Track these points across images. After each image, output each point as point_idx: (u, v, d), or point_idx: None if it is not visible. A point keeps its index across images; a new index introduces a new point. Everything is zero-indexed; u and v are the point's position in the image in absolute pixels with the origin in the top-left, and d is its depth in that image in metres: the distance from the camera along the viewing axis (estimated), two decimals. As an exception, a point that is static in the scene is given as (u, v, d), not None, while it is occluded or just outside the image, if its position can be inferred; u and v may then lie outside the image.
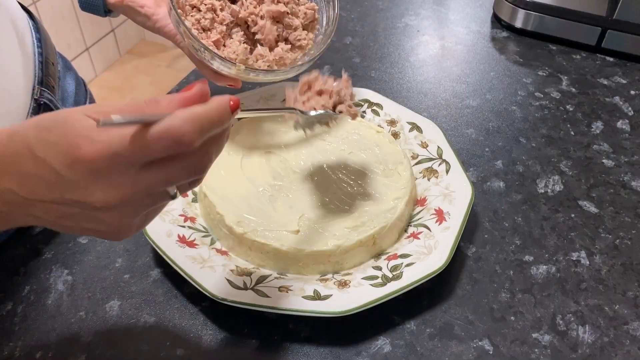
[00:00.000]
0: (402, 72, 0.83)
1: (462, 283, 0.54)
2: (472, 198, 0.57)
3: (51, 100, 0.59)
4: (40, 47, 0.60)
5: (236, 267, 0.52)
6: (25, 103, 0.56)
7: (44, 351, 0.48)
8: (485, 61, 0.85)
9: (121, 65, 2.29)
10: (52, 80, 0.61)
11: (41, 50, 0.60)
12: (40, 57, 0.59)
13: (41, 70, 0.59)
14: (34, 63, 0.58)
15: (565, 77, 0.82)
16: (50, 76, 0.61)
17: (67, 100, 0.66)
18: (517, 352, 0.49)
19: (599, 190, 0.64)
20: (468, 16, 0.96)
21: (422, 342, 0.50)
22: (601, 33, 0.84)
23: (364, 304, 0.48)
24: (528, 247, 0.58)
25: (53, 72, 0.62)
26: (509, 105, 0.77)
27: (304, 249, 0.52)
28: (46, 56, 0.61)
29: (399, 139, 0.66)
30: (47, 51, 0.61)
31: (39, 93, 0.57)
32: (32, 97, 0.57)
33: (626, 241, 0.59)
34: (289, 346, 0.49)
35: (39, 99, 0.57)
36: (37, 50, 0.60)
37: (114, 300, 0.52)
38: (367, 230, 0.53)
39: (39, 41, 0.60)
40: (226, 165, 0.60)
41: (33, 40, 0.60)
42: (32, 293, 0.53)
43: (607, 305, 0.53)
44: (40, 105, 0.57)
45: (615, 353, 0.49)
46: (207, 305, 0.52)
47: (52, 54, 0.63)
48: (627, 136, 0.72)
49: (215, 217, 0.55)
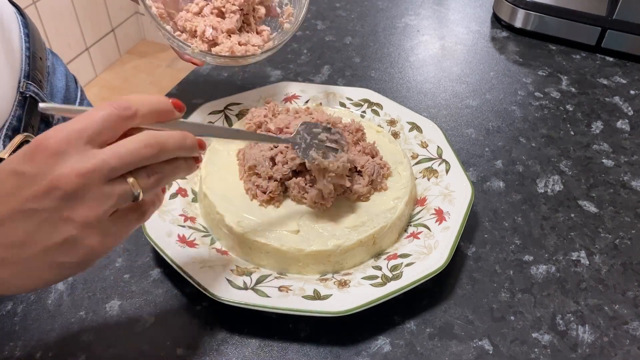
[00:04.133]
0: (402, 72, 0.83)
1: (462, 283, 0.54)
2: (472, 198, 0.57)
3: (37, 94, 0.60)
4: (27, 41, 0.61)
5: (236, 267, 0.52)
6: (11, 95, 0.57)
7: (44, 351, 0.48)
8: (485, 61, 0.85)
9: (121, 65, 2.29)
10: (39, 74, 0.62)
11: (28, 45, 0.61)
12: (27, 52, 0.61)
13: (28, 64, 0.60)
14: (21, 57, 0.60)
15: (565, 77, 0.82)
16: (37, 70, 0.62)
17: (56, 96, 0.67)
18: (517, 351, 0.49)
19: (599, 190, 0.64)
20: (468, 16, 0.96)
21: (422, 341, 0.50)
22: (601, 33, 0.84)
23: (364, 304, 0.48)
24: (528, 247, 0.58)
25: (41, 66, 0.63)
26: (508, 105, 0.77)
27: (304, 249, 0.52)
28: (34, 51, 0.62)
29: (398, 139, 0.66)
30: (35, 46, 0.63)
31: (24, 86, 0.59)
32: (17, 89, 0.58)
33: (626, 241, 0.59)
34: (289, 346, 0.49)
35: (24, 92, 0.59)
36: (25, 45, 0.61)
37: (114, 300, 0.52)
38: (367, 230, 0.53)
39: (27, 36, 0.62)
40: (226, 165, 0.60)
41: (21, 34, 0.61)
42: (32, 293, 0.53)
43: (607, 305, 0.53)
44: (26, 98, 0.59)
45: (615, 353, 0.49)
46: (207, 305, 0.52)
47: (40, 49, 0.65)
48: (627, 136, 0.72)
49: (215, 217, 0.55)
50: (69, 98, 0.70)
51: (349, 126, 0.61)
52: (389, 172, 0.59)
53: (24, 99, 0.59)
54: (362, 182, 0.57)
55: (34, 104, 0.60)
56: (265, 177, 0.56)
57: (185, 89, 0.78)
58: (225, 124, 0.67)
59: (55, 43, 1.95)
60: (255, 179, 0.56)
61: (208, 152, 0.62)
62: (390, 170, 0.59)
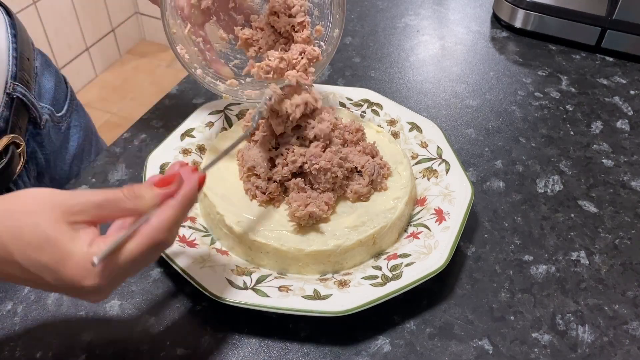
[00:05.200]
0: (402, 72, 0.83)
1: (462, 283, 0.54)
2: (471, 198, 0.57)
3: (25, 95, 0.60)
4: (15, 42, 0.61)
5: (236, 267, 0.52)
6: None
7: (44, 351, 0.48)
8: (485, 61, 0.85)
9: (121, 66, 2.29)
10: (26, 75, 0.62)
11: (16, 46, 0.61)
12: (14, 52, 0.60)
13: (15, 65, 0.60)
14: (8, 58, 0.60)
15: (565, 77, 0.82)
16: (24, 71, 0.62)
17: (44, 96, 0.67)
18: (517, 351, 0.49)
19: (599, 190, 0.64)
20: (468, 16, 0.96)
21: (422, 341, 0.50)
22: (601, 33, 0.84)
23: (363, 304, 0.48)
24: (528, 247, 0.58)
25: (28, 67, 0.63)
26: (508, 105, 0.77)
27: (304, 249, 0.52)
28: (21, 52, 0.62)
29: (398, 139, 0.66)
30: (22, 47, 0.62)
31: (11, 87, 0.59)
32: (4, 91, 0.58)
33: (626, 241, 0.59)
34: (289, 346, 0.49)
35: (11, 93, 0.58)
36: (12, 45, 0.61)
37: (114, 300, 0.52)
38: (367, 230, 0.53)
39: (14, 37, 0.61)
40: (226, 165, 0.60)
41: (8, 35, 0.61)
42: (32, 293, 0.53)
43: (606, 305, 0.53)
44: (13, 99, 0.59)
45: (615, 353, 0.49)
46: (207, 305, 0.52)
47: (27, 50, 0.64)
48: (627, 136, 0.72)
49: (215, 217, 0.55)
50: (58, 99, 0.70)
51: (349, 126, 0.61)
52: (389, 172, 0.59)
53: (11, 100, 0.59)
54: (362, 182, 0.57)
55: (22, 105, 0.60)
56: (264, 178, 0.56)
57: (185, 89, 0.78)
58: (225, 124, 0.67)
59: (55, 43, 1.95)
60: (255, 180, 0.56)
61: (208, 152, 0.63)
62: (390, 170, 0.59)
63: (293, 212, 0.53)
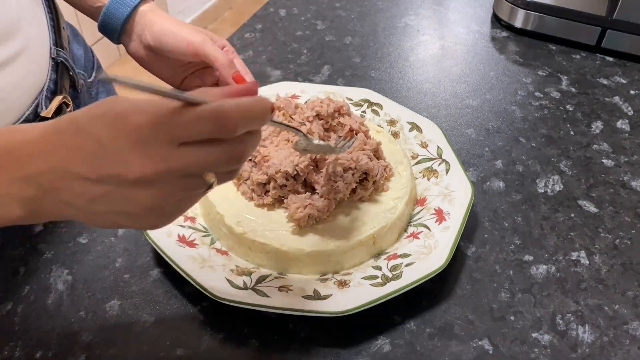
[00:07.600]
0: (402, 72, 0.83)
1: (462, 283, 0.54)
2: (471, 198, 0.57)
3: (66, 60, 0.65)
4: (50, 12, 0.66)
5: (236, 267, 0.52)
6: (46, 60, 0.62)
7: (44, 351, 0.48)
8: (485, 61, 0.85)
9: (121, 65, 2.29)
10: (64, 42, 0.67)
11: (52, 15, 0.66)
12: (52, 22, 0.65)
13: (54, 33, 0.65)
14: (47, 26, 0.64)
15: (565, 77, 0.82)
16: (62, 38, 0.66)
17: (77, 63, 0.72)
18: (517, 351, 0.49)
19: (599, 190, 0.64)
20: (468, 16, 0.96)
21: (422, 341, 0.50)
22: (601, 33, 0.84)
23: (363, 304, 0.48)
24: (528, 247, 0.58)
25: (64, 35, 0.68)
26: (508, 105, 0.77)
27: (304, 249, 0.52)
28: (57, 20, 0.66)
29: (398, 139, 0.66)
30: (57, 16, 0.67)
31: (55, 52, 0.63)
32: (50, 56, 0.63)
33: (626, 241, 0.59)
34: (289, 346, 0.49)
35: (56, 58, 0.63)
36: (48, 15, 0.65)
37: (114, 300, 0.52)
38: (367, 230, 0.53)
39: (49, 7, 0.66)
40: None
41: (43, 6, 0.65)
42: (32, 293, 0.53)
43: (606, 305, 0.53)
44: (57, 64, 0.63)
45: (615, 353, 0.49)
46: (207, 305, 0.52)
47: (62, 19, 0.69)
48: (627, 136, 0.72)
49: (215, 217, 0.55)
50: (87, 67, 0.75)
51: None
52: (391, 172, 0.59)
53: (56, 64, 0.64)
54: (367, 186, 0.57)
55: (64, 69, 0.65)
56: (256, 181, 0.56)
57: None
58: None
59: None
60: (250, 183, 0.56)
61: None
62: (392, 171, 0.59)
63: (292, 214, 0.53)
